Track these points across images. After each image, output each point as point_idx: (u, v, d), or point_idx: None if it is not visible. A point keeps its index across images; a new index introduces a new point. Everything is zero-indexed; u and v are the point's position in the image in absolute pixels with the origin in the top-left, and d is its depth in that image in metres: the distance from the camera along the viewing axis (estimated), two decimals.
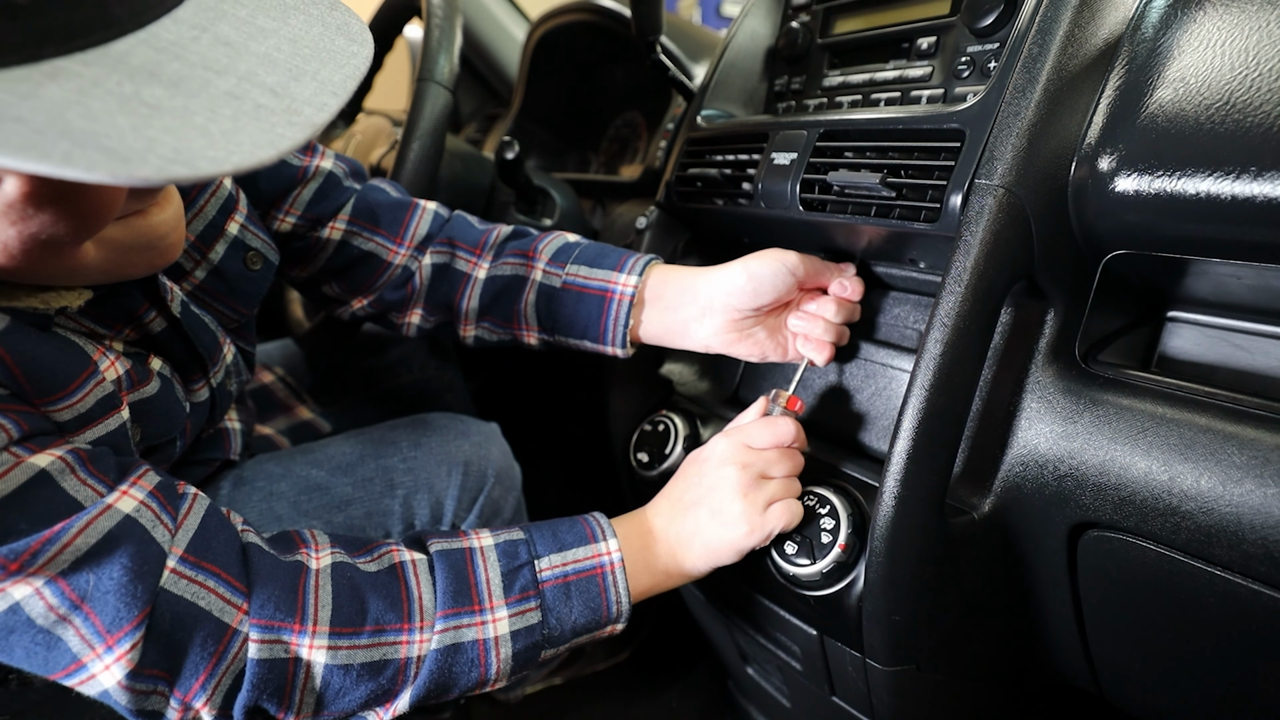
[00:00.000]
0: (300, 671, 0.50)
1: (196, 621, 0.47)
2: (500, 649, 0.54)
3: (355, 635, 0.51)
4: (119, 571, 0.45)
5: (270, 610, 0.50)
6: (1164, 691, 0.59)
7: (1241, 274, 0.49)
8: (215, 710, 0.48)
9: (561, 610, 0.57)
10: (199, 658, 0.47)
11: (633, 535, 0.61)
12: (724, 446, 0.62)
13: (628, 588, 0.58)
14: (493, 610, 0.55)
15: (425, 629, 0.53)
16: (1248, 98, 0.44)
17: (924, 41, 0.66)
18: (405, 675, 0.53)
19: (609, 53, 1.29)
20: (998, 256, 0.50)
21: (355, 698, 0.51)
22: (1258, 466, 0.43)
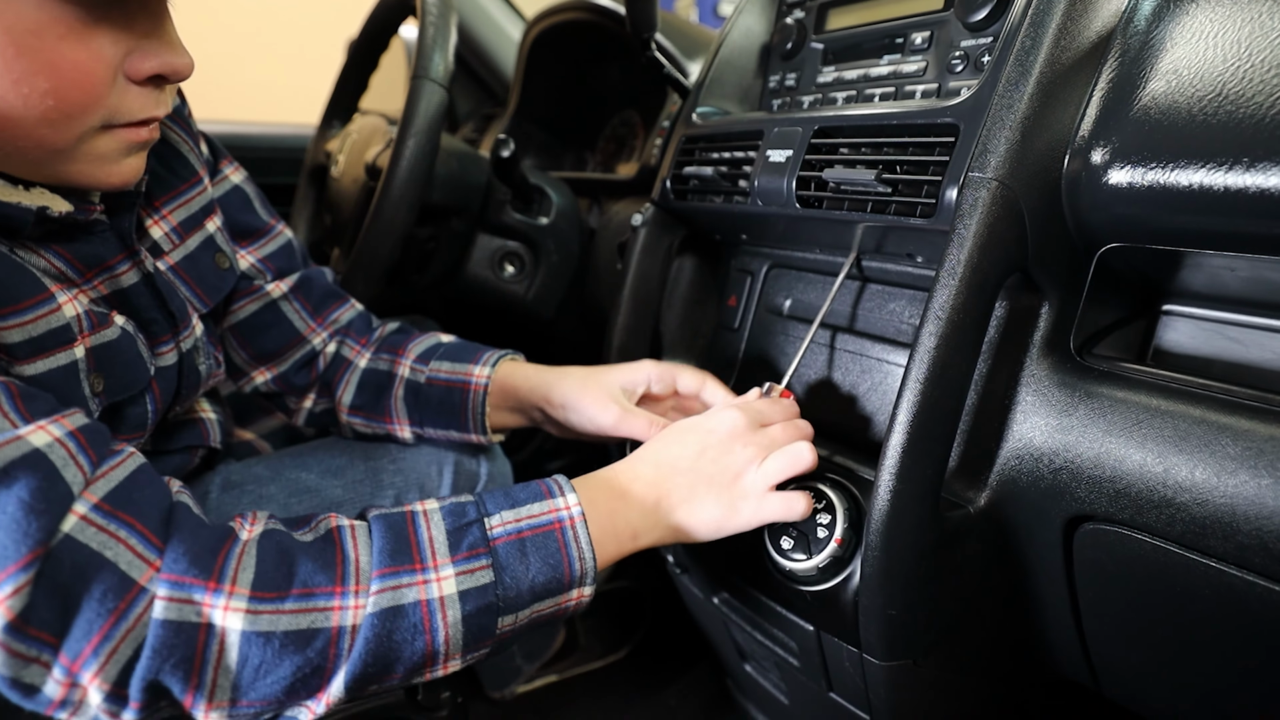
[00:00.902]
0: (213, 641, 0.43)
1: (98, 572, 0.41)
2: (447, 611, 0.47)
3: (279, 599, 0.44)
4: (13, 505, 0.39)
5: (184, 566, 0.43)
6: (1161, 685, 0.59)
7: (1235, 266, 0.49)
8: (108, 685, 0.41)
9: (517, 569, 0.49)
10: (95, 615, 0.40)
11: (600, 496, 0.55)
12: (731, 416, 0.59)
13: (591, 545, 0.52)
14: (436, 569, 0.48)
15: (360, 594, 0.46)
16: (1240, 89, 0.44)
17: (918, 36, 0.67)
18: (338, 648, 0.45)
19: (606, 51, 1.29)
20: (991, 249, 0.50)
21: (279, 677, 0.43)
22: (1252, 457, 0.43)
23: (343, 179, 1.13)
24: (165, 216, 0.64)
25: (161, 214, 0.64)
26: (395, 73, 1.42)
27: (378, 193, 0.90)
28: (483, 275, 1.12)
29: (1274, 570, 0.43)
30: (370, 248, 0.92)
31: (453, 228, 1.09)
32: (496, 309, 1.15)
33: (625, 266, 0.85)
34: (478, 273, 1.12)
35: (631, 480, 0.57)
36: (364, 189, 1.07)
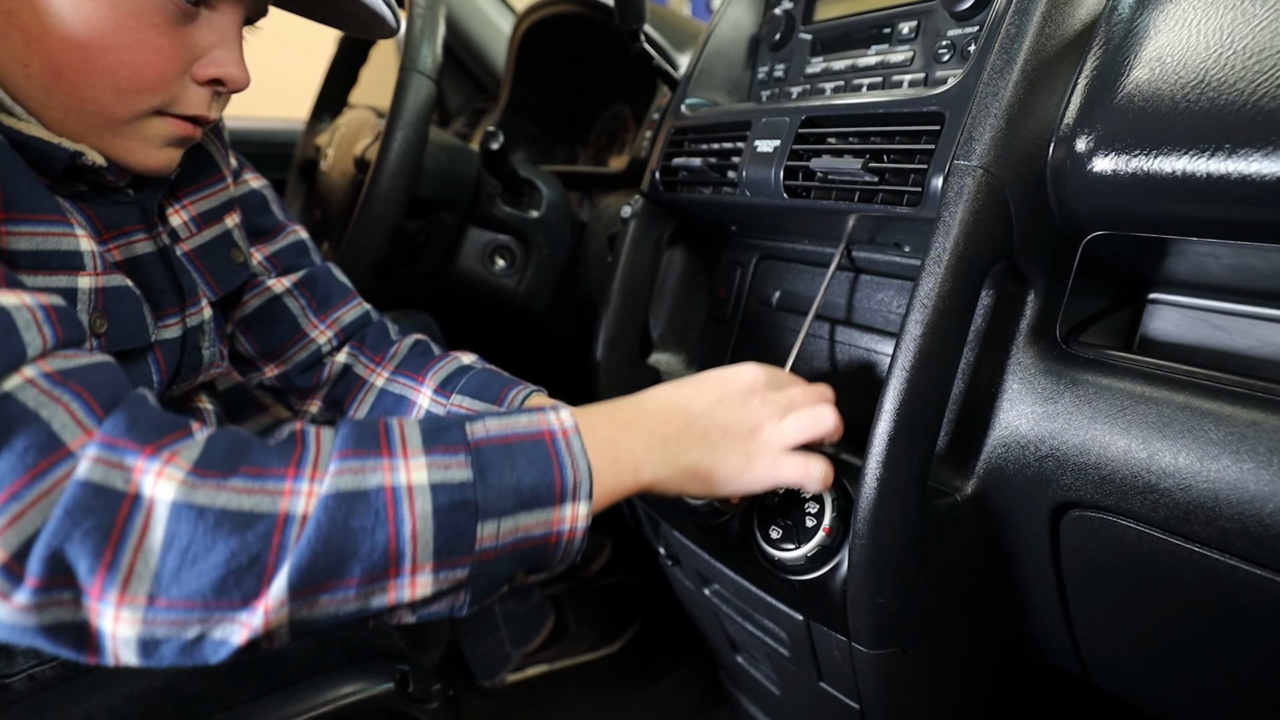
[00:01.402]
0: (138, 512, 0.37)
1: (26, 428, 0.36)
2: (415, 501, 0.41)
3: (223, 477, 0.39)
4: None
5: (122, 430, 0.38)
6: (1147, 670, 0.59)
7: (1219, 253, 0.49)
8: (5, 553, 0.35)
9: (500, 468, 0.43)
10: (9, 469, 0.35)
11: (600, 423, 0.50)
12: (751, 369, 0.56)
13: (587, 458, 0.46)
14: (406, 458, 0.42)
15: (316, 479, 0.40)
16: (1222, 76, 0.44)
17: (905, 26, 0.67)
18: (284, 536, 0.38)
19: (596, 45, 1.29)
20: (977, 237, 0.50)
21: (210, 565, 0.37)
22: (1233, 442, 0.44)
23: (332, 172, 1.13)
24: (185, 206, 0.67)
25: (182, 203, 0.67)
26: (385, 66, 1.41)
27: (366, 186, 0.90)
28: (473, 269, 1.12)
29: (1255, 554, 0.44)
30: (359, 241, 0.92)
31: (443, 221, 1.09)
32: (487, 302, 1.15)
33: (615, 259, 0.85)
34: (468, 266, 1.12)
35: (638, 414, 0.52)
36: (353, 182, 1.07)
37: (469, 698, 1.18)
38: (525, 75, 1.34)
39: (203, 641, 0.38)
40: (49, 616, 0.36)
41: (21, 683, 0.65)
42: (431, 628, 1.02)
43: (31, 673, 0.66)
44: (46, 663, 0.66)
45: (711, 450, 0.52)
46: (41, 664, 0.66)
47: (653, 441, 0.50)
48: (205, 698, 0.69)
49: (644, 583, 1.36)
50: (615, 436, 0.49)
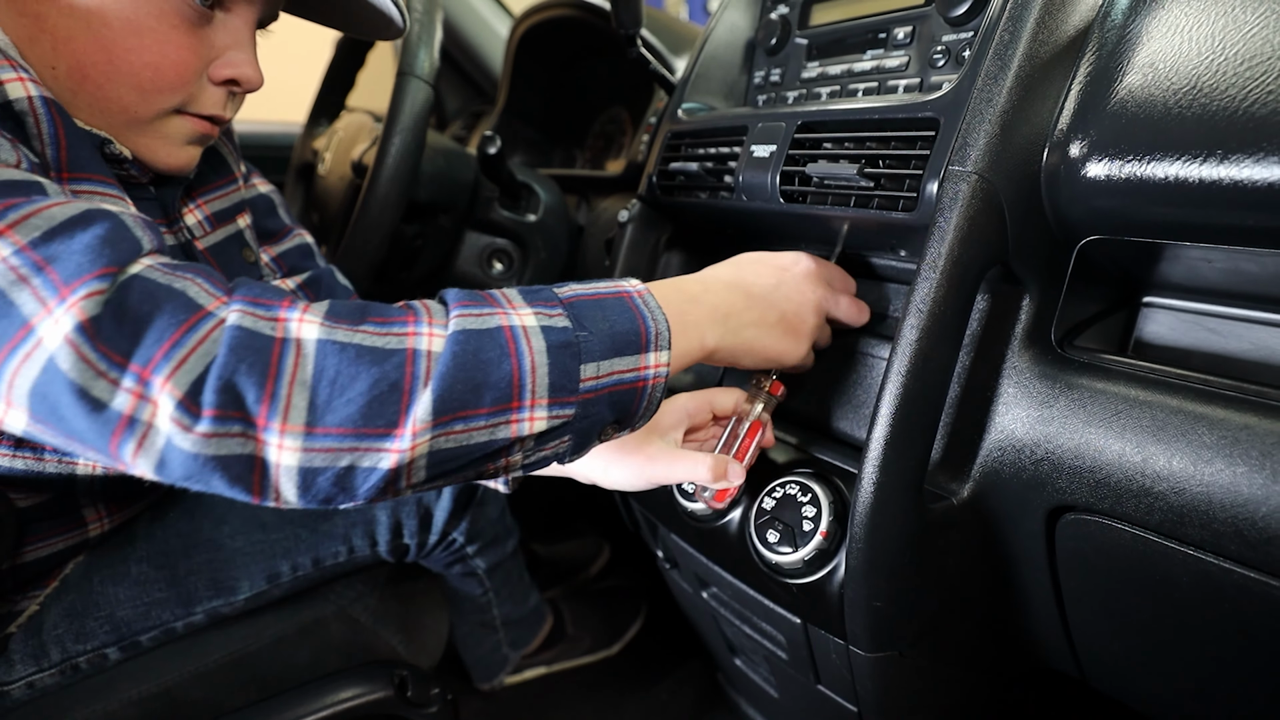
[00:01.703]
0: (289, 350, 0.40)
1: (168, 296, 0.40)
2: (532, 340, 0.45)
3: (354, 323, 0.43)
4: (90, 238, 0.40)
5: (256, 292, 0.43)
6: (1143, 672, 0.60)
7: (1213, 258, 0.49)
8: (180, 391, 0.38)
9: (593, 316, 0.48)
10: (166, 326, 0.39)
11: (670, 295, 0.54)
12: (807, 261, 0.62)
13: (664, 314, 0.51)
14: (514, 308, 0.47)
15: (436, 324, 0.44)
16: (1214, 82, 0.44)
17: (900, 31, 0.67)
18: (415, 367, 0.42)
19: (593, 48, 1.29)
20: (972, 242, 0.51)
21: (356, 393, 0.40)
22: (1227, 446, 0.44)
23: (329, 177, 1.13)
24: (200, 206, 0.70)
25: (197, 202, 0.69)
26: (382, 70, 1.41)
27: (364, 190, 0.90)
28: (471, 273, 1.12)
29: (1249, 557, 0.44)
30: (357, 245, 0.92)
31: (440, 225, 1.09)
32: None
33: (612, 262, 0.86)
34: (466, 270, 1.12)
35: (703, 290, 0.56)
36: (351, 186, 1.07)
37: (467, 701, 1.17)
38: (522, 79, 1.35)
39: (354, 471, 0.41)
40: (224, 448, 0.39)
41: (20, 690, 0.65)
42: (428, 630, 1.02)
43: (30, 680, 0.66)
44: (44, 670, 0.66)
45: (767, 330, 0.58)
46: (40, 671, 0.66)
47: (716, 316, 0.55)
48: (204, 703, 0.69)
49: (642, 586, 1.36)
50: (684, 308, 0.54)
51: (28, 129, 0.49)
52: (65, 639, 0.67)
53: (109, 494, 0.69)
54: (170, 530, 0.73)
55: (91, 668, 0.68)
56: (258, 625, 0.74)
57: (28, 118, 0.49)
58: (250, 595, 0.74)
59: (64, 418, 0.39)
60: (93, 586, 0.69)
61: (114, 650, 0.69)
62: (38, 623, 0.67)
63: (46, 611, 0.68)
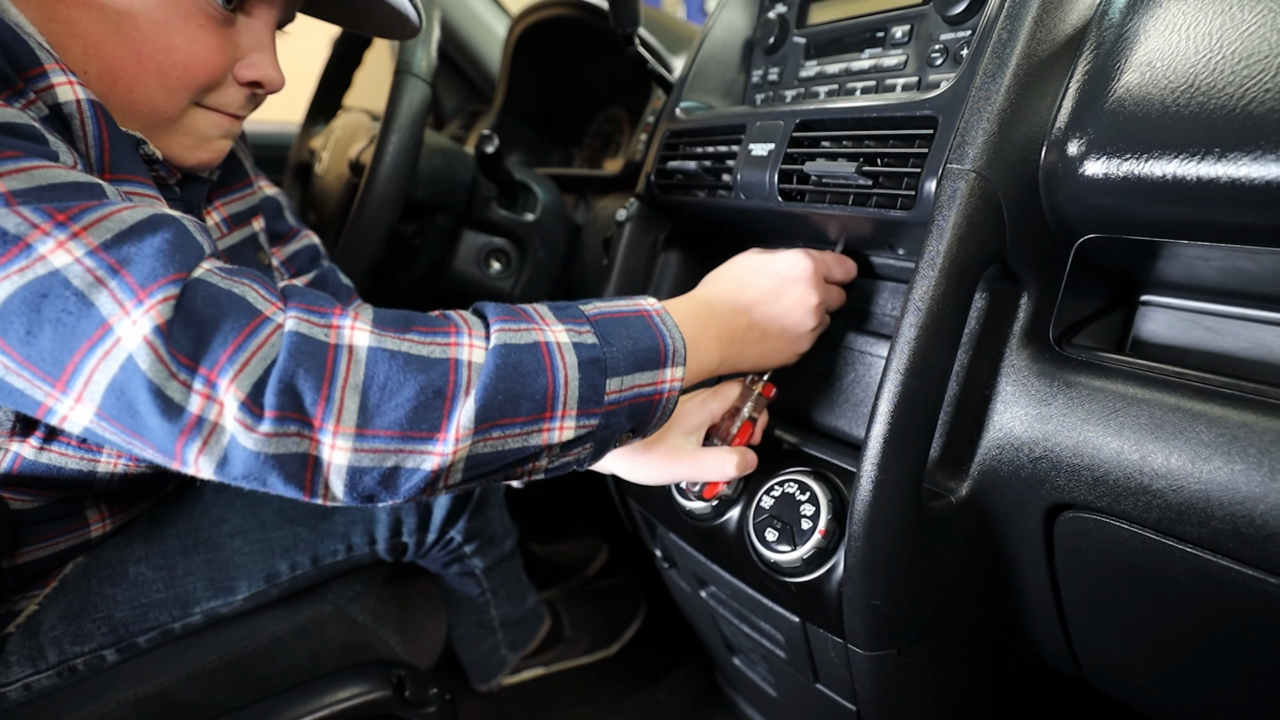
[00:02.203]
0: (342, 356, 0.43)
1: (231, 303, 0.43)
2: (565, 356, 0.48)
3: (401, 332, 0.46)
4: (160, 242, 0.43)
5: (309, 299, 0.46)
6: (1141, 671, 0.60)
7: (1210, 256, 0.49)
8: (242, 393, 0.41)
9: (618, 334, 0.51)
10: (230, 329, 0.42)
11: (687, 322, 0.57)
12: (806, 266, 0.62)
13: (679, 330, 0.55)
14: (547, 325, 0.50)
15: (476, 336, 0.48)
16: (1211, 80, 0.44)
17: (898, 30, 0.67)
18: (458, 375, 0.45)
19: (591, 47, 1.29)
20: (970, 240, 0.51)
21: (404, 398, 0.43)
22: (1225, 444, 0.44)
23: (326, 176, 1.13)
24: (217, 208, 0.70)
25: (214, 205, 0.70)
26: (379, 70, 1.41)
27: (361, 189, 0.90)
28: (468, 272, 1.12)
29: (1247, 554, 0.44)
30: (355, 244, 0.92)
31: (438, 224, 1.09)
32: None
33: (610, 262, 0.86)
34: (463, 270, 1.12)
35: (710, 315, 0.60)
36: (348, 186, 1.06)
37: (465, 701, 1.17)
38: (520, 78, 1.34)
39: (398, 471, 0.44)
40: (283, 446, 0.42)
41: (17, 691, 0.65)
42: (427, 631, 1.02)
43: (27, 681, 0.66)
44: (42, 672, 0.66)
45: (769, 344, 0.62)
46: (37, 673, 0.66)
47: (723, 339, 0.59)
48: (201, 704, 0.68)
49: (641, 585, 1.36)
50: (697, 333, 0.57)
51: (73, 131, 0.50)
52: (62, 640, 0.67)
53: (114, 495, 0.69)
54: (169, 530, 0.73)
55: (89, 669, 0.68)
56: (255, 625, 0.74)
57: (74, 120, 0.50)
58: (249, 595, 0.74)
59: (137, 414, 0.41)
60: (90, 588, 0.69)
61: (111, 652, 0.68)
62: (35, 624, 0.67)
63: (44, 613, 0.67)
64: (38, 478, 0.61)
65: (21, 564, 0.65)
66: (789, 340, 0.62)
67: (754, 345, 0.61)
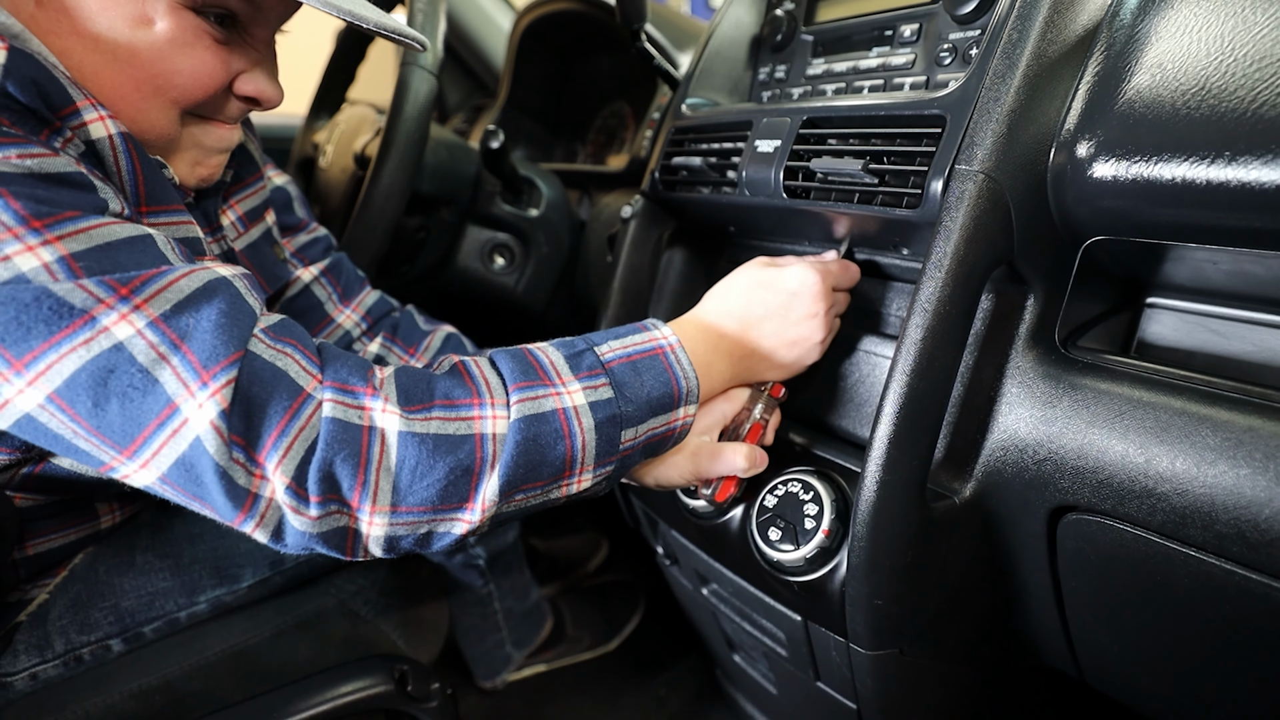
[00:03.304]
0: (375, 440, 0.46)
1: (275, 381, 0.45)
2: (582, 419, 0.51)
3: (426, 409, 0.48)
4: (216, 314, 0.45)
5: (344, 375, 0.48)
6: (1142, 672, 0.60)
7: (1218, 259, 0.49)
8: (287, 478, 0.44)
9: (632, 384, 0.54)
10: (275, 413, 0.44)
11: (699, 348, 0.59)
12: (813, 281, 0.61)
13: (693, 367, 0.57)
14: (564, 384, 0.52)
15: (498, 405, 0.50)
16: (1223, 83, 0.44)
17: (907, 29, 0.67)
18: (484, 451, 0.48)
19: (596, 43, 1.29)
20: (978, 241, 0.50)
21: (434, 479, 0.47)
22: (1230, 448, 0.44)
23: (331, 169, 1.12)
24: (233, 206, 0.70)
25: (229, 203, 0.70)
26: (383, 64, 1.41)
27: (367, 181, 0.90)
28: (472, 267, 1.12)
29: (1251, 559, 0.44)
30: (359, 238, 0.92)
31: (442, 218, 1.09)
32: (486, 301, 1.15)
33: (615, 258, 0.85)
34: (467, 264, 1.12)
35: (720, 338, 0.61)
36: (353, 179, 1.06)
37: (466, 696, 1.18)
38: (525, 72, 1.34)
39: (431, 536, 0.49)
40: (326, 525, 0.46)
41: (23, 681, 0.65)
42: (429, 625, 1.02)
43: (33, 671, 0.66)
44: (48, 661, 0.66)
45: (777, 359, 0.63)
46: (43, 662, 0.66)
47: (733, 359, 0.61)
48: (204, 696, 0.69)
49: (641, 582, 1.36)
50: (709, 359, 0.59)
51: (107, 166, 0.50)
52: (69, 630, 0.67)
53: (126, 489, 0.69)
54: (175, 519, 0.73)
55: (94, 659, 0.68)
56: (258, 618, 0.74)
57: (108, 156, 0.50)
58: (254, 583, 0.74)
59: (204, 488, 0.44)
60: (98, 577, 0.69)
61: (117, 641, 0.69)
62: (43, 613, 0.67)
63: (53, 602, 0.68)
64: (57, 481, 0.61)
65: (33, 555, 0.66)
66: (799, 353, 0.63)
67: (764, 360, 0.62)
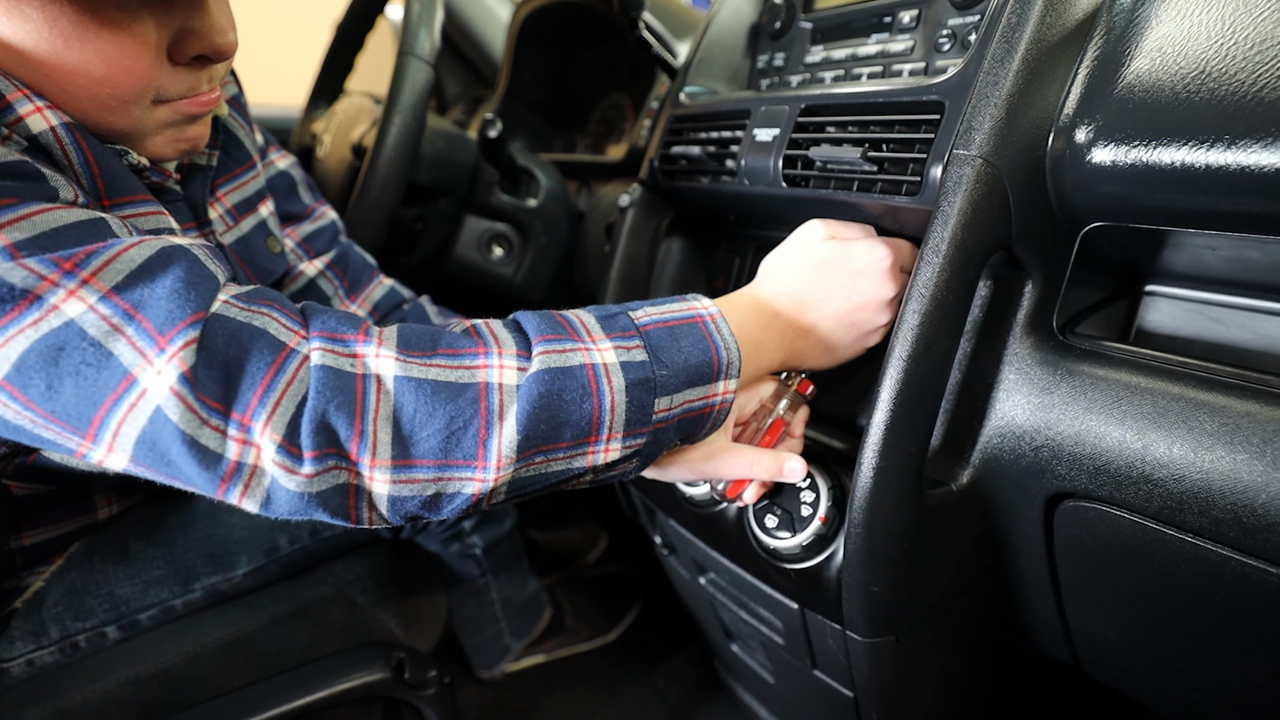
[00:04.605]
0: (370, 386, 0.42)
1: (254, 338, 0.41)
2: (612, 378, 0.46)
3: (426, 355, 0.44)
4: (172, 280, 0.41)
5: (332, 325, 0.44)
6: (1138, 660, 0.60)
7: (1217, 245, 0.49)
8: (278, 435, 0.40)
9: (669, 349, 0.49)
10: (257, 369, 0.40)
11: (748, 324, 0.54)
12: (881, 256, 0.57)
13: (734, 339, 0.52)
14: (594, 341, 0.47)
15: (507, 355, 0.46)
16: (1223, 66, 0.44)
17: (905, 15, 0.66)
18: (489, 402, 0.44)
19: (595, 33, 1.28)
20: (975, 227, 0.50)
21: (435, 430, 0.42)
22: (1228, 433, 0.44)
23: (328, 160, 1.12)
24: (220, 199, 0.67)
25: (217, 196, 0.66)
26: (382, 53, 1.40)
27: (364, 171, 0.89)
28: (471, 257, 1.11)
29: (1248, 544, 0.44)
30: (357, 228, 0.92)
31: (440, 209, 1.09)
32: (485, 291, 1.15)
33: (613, 247, 0.85)
34: (466, 255, 1.11)
35: (774, 314, 0.56)
36: (350, 169, 1.06)
37: (465, 686, 1.18)
38: (523, 63, 1.33)
39: (440, 497, 0.44)
40: (324, 483, 0.41)
41: (19, 667, 0.65)
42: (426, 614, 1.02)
43: (29, 657, 0.66)
44: (44, 648, 0.67)
45: (833, 344, 0.58)
46: (39, 649, 0.66)
47: (785, 339, 0.56)
48: (201, 683, 0.69)
49: (640, 572, 1.36)
50: (760, 336, 0.55)
51: (58, 161, 0.47)
52: (65, 617, 0.67)
53: (123, 481, 0.69)
54: (169, 508, 0.73)
55: (90, 646, 0.68)
56: (255, 606, 0.74)
57: (55, 149, 0.47)
58: (249, 570, 0.74)
59: (173, 463, 0.40)
60: (93, 565, 0.69)
61: (113, 629, 0.69)
62: (39, 600, 0.67)
63: (48, 590, 0.68)
64: (52, 471, 0.61)
65: (29, 545, 0.66)
66: (858, 336, 0.58)
67: (819, 344, 0.57)
